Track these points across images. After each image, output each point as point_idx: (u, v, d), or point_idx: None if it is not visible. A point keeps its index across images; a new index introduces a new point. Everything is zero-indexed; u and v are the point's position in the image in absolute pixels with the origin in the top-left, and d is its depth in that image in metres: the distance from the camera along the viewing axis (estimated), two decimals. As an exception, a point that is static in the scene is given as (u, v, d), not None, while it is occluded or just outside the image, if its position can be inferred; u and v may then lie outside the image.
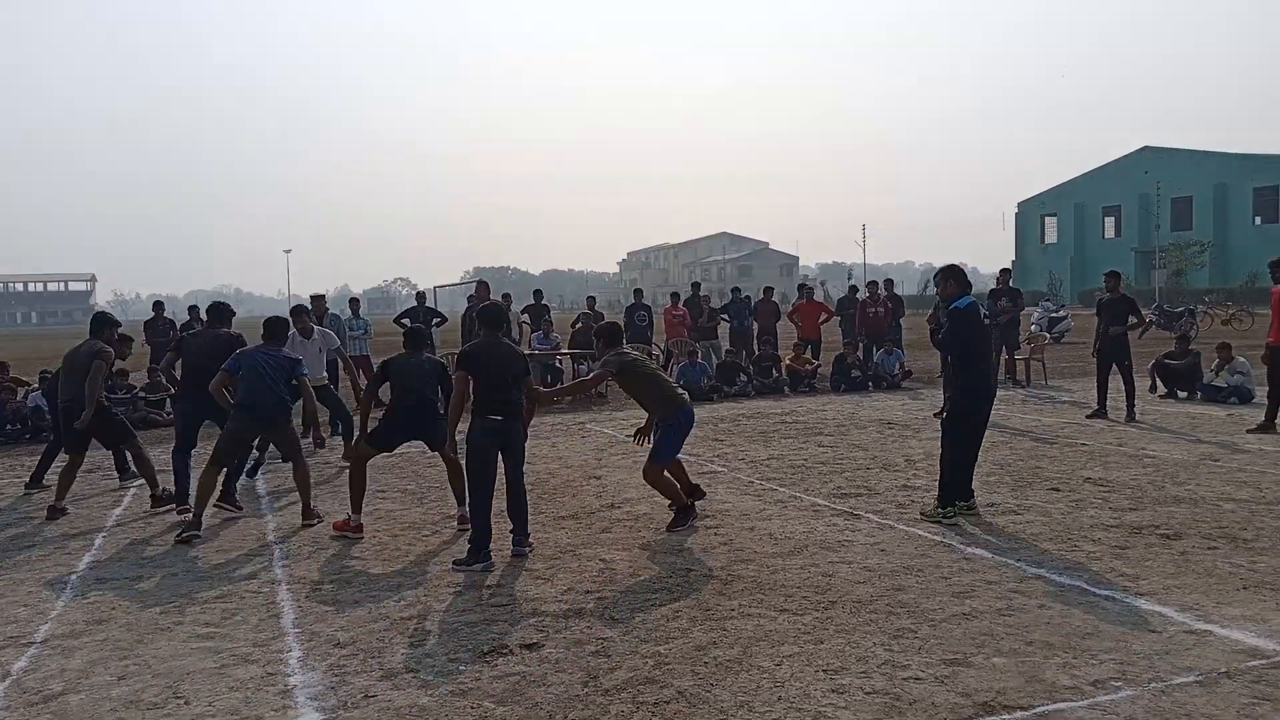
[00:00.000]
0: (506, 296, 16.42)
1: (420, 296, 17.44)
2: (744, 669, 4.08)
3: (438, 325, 17.28)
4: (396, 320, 17.13)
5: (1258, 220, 64.36)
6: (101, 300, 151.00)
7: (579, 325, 16.99)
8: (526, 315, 17.60)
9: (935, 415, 10.97)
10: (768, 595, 5.06)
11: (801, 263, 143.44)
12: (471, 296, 12.56)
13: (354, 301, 16.96)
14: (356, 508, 6.77)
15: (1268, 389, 10.22)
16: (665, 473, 6.71)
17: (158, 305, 18.23)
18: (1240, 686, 3.75)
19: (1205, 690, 3.72)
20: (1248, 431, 10.04)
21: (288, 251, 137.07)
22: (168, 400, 14.15)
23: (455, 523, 6.89)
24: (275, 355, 7.15)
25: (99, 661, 4.46)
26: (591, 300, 19.38)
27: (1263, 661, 3.99)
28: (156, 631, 4.86)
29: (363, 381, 9.56)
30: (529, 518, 6.22)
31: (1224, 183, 65.45)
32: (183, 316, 16.50)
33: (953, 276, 6.98)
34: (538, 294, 18.45)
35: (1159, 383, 13.64)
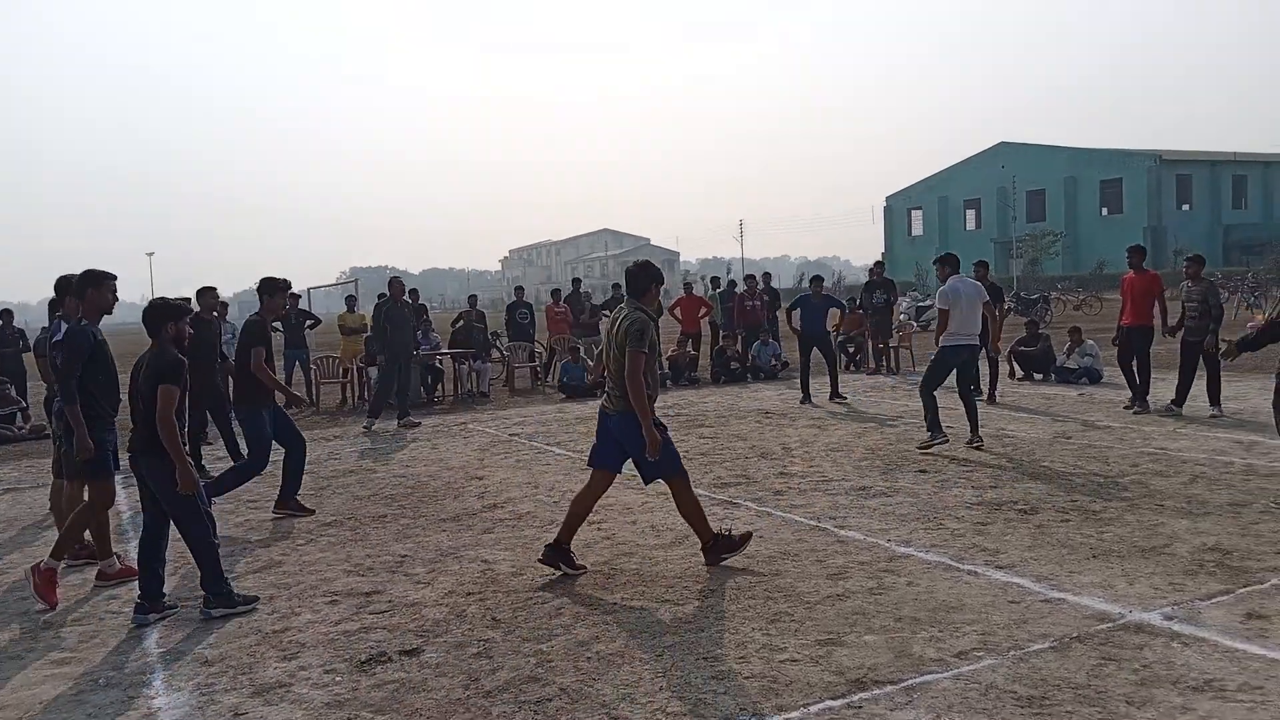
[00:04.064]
0: (415, 293, 15.98)
1: (292, 298, 16.86)
2: (626, 661, 4.11)
3: (311, 328, 16.76)
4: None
5: (1104, 211, 68.55)
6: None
7: (459, 324, 16.75)
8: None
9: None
10: (649, 587, 5.11)
11: (682, 258, 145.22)
12: (382, 295, 12.36)
13: (222, 305, 16.25)
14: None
15: (1120, 369, 10.88)
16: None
17: (5, 314, 17.07)
18: (1089, 649, 3.99)
19: (1058, 655, 3.95)
20: (1132, 411, 10.51)
21: (150, 254, 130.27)
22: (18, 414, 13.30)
23: (323, 529, 6.72)
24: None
25: (-61, 696, 4.15)
26: (473, 299, 19.14)
27: (1109, 625, 4.26)
28: (5, 660, 4.56)
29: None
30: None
31: (1073, 176, 69.44)
32: (36, 325, 15.50)
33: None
34: (414, 293, 18.06)
35: (1016, 366, 14.40)
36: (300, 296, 17.94)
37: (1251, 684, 3.59)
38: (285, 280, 7.48)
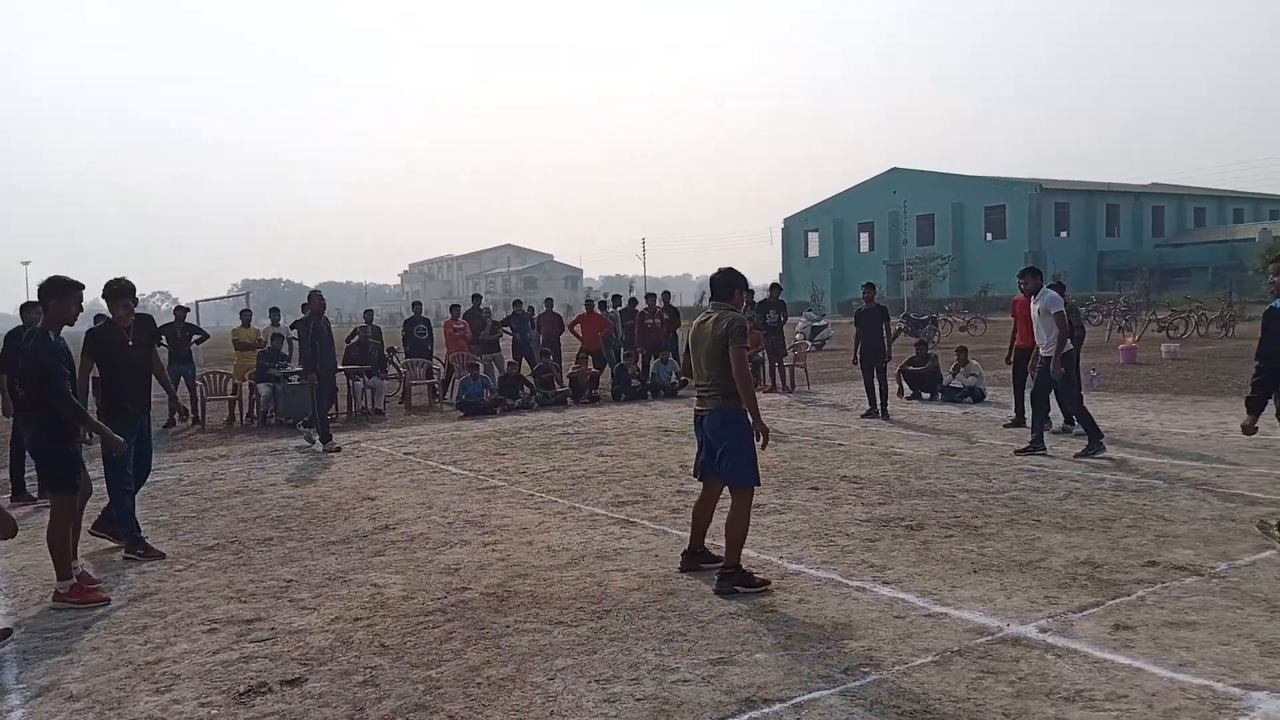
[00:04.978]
0: (310, 301, 15.47)
1: (179, 311, 16.21)
2: (517, 686, 4.06)
3: (198, 343, 16.13)
4: (150, 337, 15.83)
5: (989, 236, 71.62)
6: None
7: (355, 339, 16.37)
8: (295, 331, 16.76)
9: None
10: (543, 609, 5.06)
11: (585, 275, 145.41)
12: (305, 305, 11.95)
13: (99, 319, 15.50)
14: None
15: (1014, 387, 11.32)
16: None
17: None
18: (969, 663, 4.12)
19: (940, 669, 4.07)
20: (1004, 426, 11.06)
21: (26, 263, 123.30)
22: None
23: (204, 554, 6.46)
24: None
25: None
26: (369, 314, 18.72)
27: (988, 638, 4.41)
28: None
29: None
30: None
31: (960, 202, 72.38)
32: None
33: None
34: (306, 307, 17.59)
35: (905, 385, 14.86)
36: (188, 309, 17.24)
37: (1118, 693, 3.77)
38: (76, 281, 5.76)
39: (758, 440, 5.33)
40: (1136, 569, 5.38)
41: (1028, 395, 11.09)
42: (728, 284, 5.53)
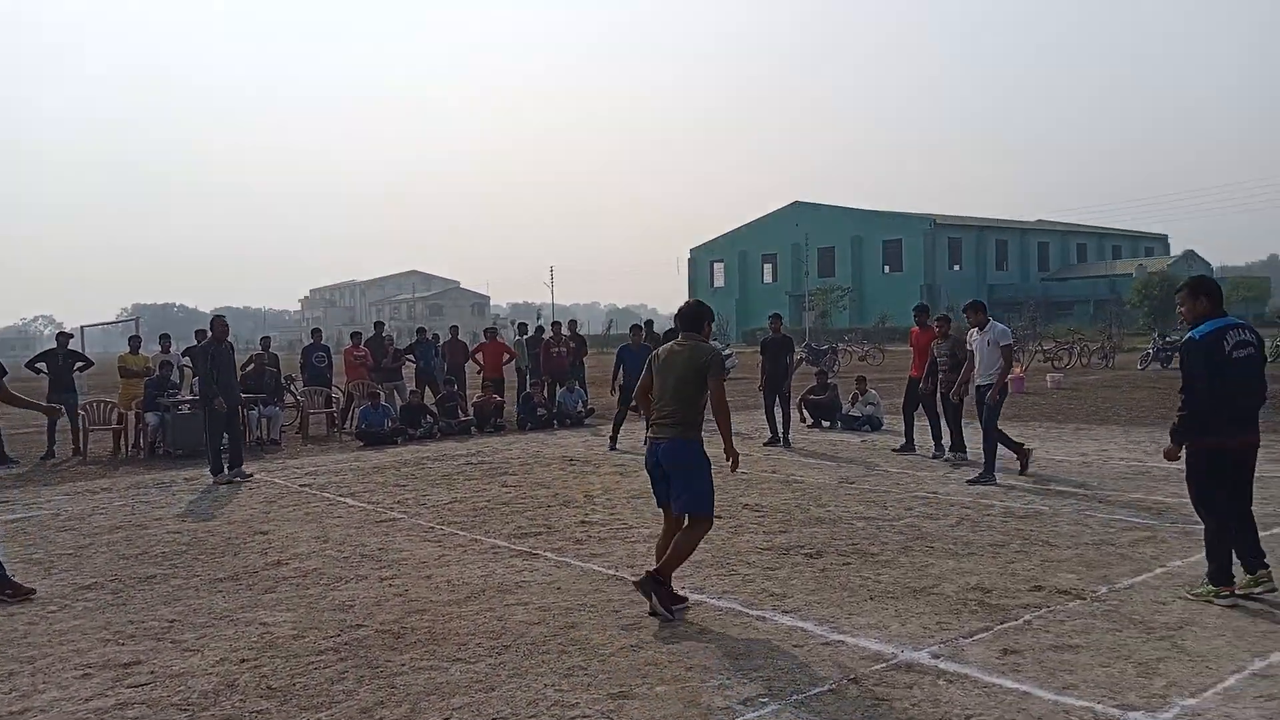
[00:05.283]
0: (201, 333, 14.88)
1: (62, 337, 15.45)
2: (412, 726, 3.94)
3: (81, 370, 15.37)
4: (30, 364, 15.05)
5: (886, 269, 73.93)
6: None
7: (250, 367, 15.84)
8: (188, 358, 16.16)
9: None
10: (441, 646, 4.95)
11: (493, 302, 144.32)
12: (200, 332, 11.42)
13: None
14: None
15: (903, 416, 11.78)
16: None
17: None
18: (864, 690, 4.19)
19: (836, 697, 4.12)
20: (893, 450, 11.51)
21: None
22: None
23: (80, 593, 6.13)
24: None
25: None
26: (266, 341, 18.18)
27: (883, 665, 4.49)
28: None
29: None
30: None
31: (860, 235, 74.59)
32: None
33: (1204, 292, 5.55)
34: (201, 334, 16.98)
35: (806, 414, 15.15)
36: (72, 335, 16.45)
37: (1006, 717, 3.87)
38: None
39: (728, 463, 5.56)
40: (1023, 594, 5.56)
41: (917, 421, 11.54)
42: (697, 316, 5.69)
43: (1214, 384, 5.23)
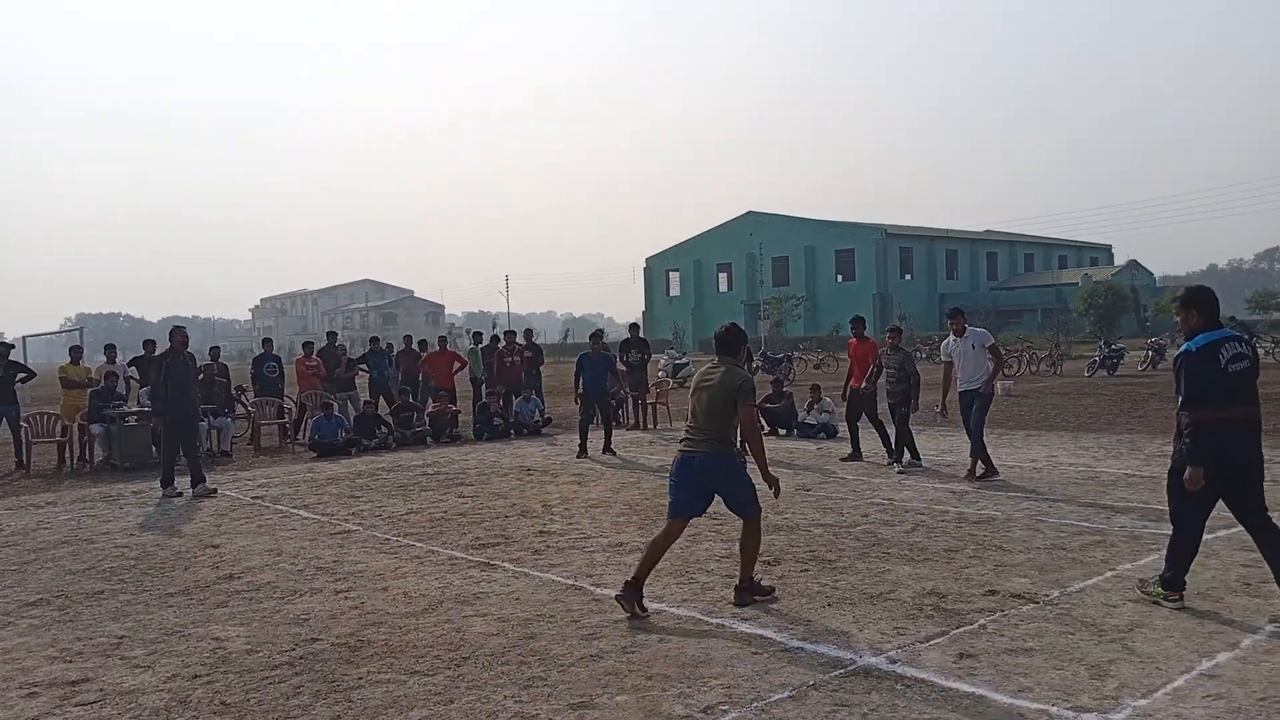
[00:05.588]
0: (150, 343, 14.52)
1: (3, 348, 15.02)
2: (370, 741, 3.89)
3: (23, 381, 14.95)
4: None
5: (839, 278, 74.75)
6: None
7: (200, 377, 15.52)
8: (134, 369, 15.83)
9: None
10: (398, 658, 4.89)
11: (448, 311, 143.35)
12: (148, 342, 11.11)
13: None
14: None
15: (848, 425, 11.92)
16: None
17: None
18: (824, 696, 4.22)
19: (796, 703, 4.15)
20: (841, 459, 11.62)
21: None
22: None
23: (25, 610, 5.95)
24: None
25: None
26: (215, 351, 17.91)
27: (842, 671, 4.52)
28: None
29: None
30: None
31: (813, 245, 75.35)
32: None
33: (1197, 305, 5.30)
34: (149, 344, 16.64)
35: (762, 422, 15.24)
36: (13, 346, 16.00)
37: None
38: None
39: (770, 488, 5.80)
40: (978, 598, 5.64)
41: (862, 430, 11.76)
42: (732, 340, 5.90)
43: (1210, 398, 5.06)
